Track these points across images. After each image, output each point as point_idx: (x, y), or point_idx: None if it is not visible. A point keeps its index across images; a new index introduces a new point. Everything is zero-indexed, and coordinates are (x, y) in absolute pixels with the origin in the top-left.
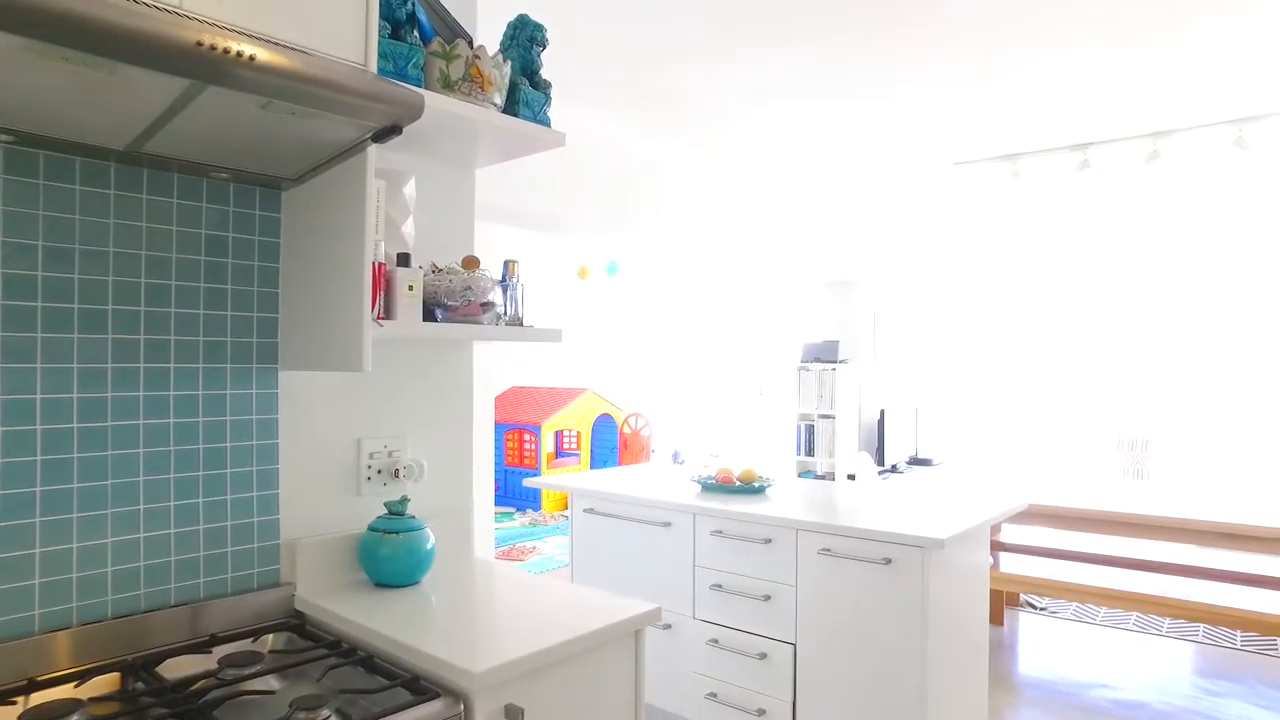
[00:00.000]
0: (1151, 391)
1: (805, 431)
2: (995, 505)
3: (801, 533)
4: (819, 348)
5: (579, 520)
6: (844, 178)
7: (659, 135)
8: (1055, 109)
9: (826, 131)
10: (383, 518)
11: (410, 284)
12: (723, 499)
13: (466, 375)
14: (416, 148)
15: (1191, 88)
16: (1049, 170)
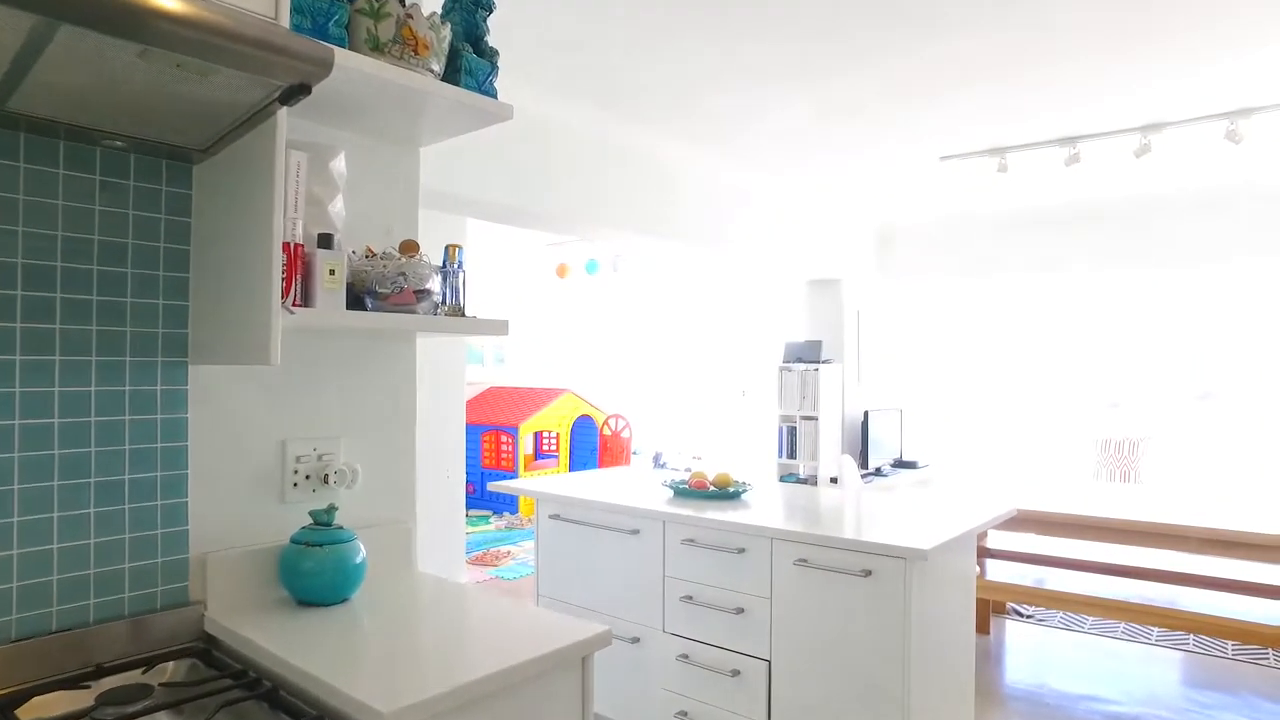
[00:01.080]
0: (1142, 392)
1: (787, 433)
2: (982, 512)
3: (777, 542)
4: (801, 347)
5: (545, 527)
6: (828, 172)
7: (642, 129)
8: (1042, 102)
9: (810, 124)
10: (307, 528)
11: (332, 268)
12: (696, 505)
13: (409, 371)
14: (349, 121)
15: (1183, 79)
16: (1036, 164)
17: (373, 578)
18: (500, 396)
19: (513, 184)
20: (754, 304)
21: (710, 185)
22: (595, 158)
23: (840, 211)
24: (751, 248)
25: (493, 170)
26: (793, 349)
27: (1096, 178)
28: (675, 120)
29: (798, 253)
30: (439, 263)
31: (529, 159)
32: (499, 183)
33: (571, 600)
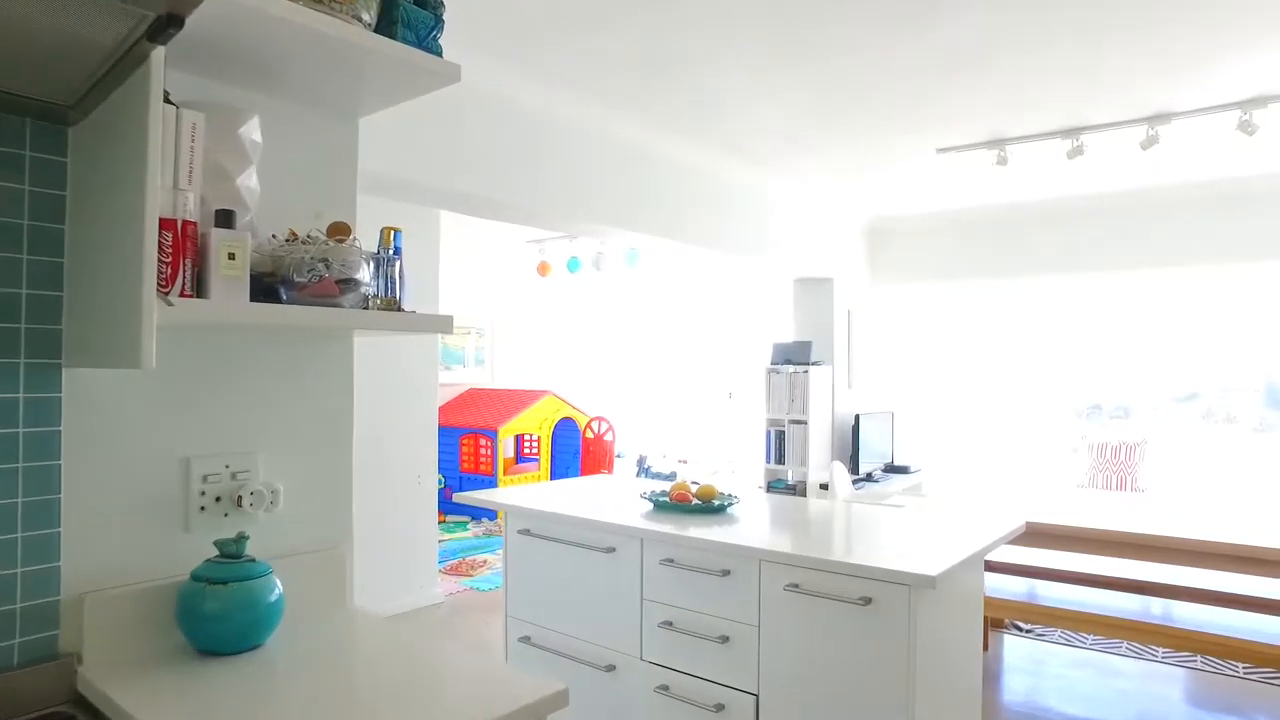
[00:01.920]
0: (1138, 396)
1: (775, 438)
2: (990, 529)
3: (766, 564)
4: (790, 348)
5: (514, 543)
6: (819, 165)
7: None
8: (1045, 90)
9: (802, 113)
10: (210, 562)
11: (231, 251)
12: (677, 520)
13: (345, 374)
14: (268, 82)
15: (1194, 66)
16: (1037, 157)
17: (296, 617)
18: (480, 398)
19: (483, 173)
20: (742, 303)
21: (695, 179)
22: (572, 147)
23: (832, 207)
24: (738, 244)
25: (462, 158)
26: (781, 350)
27: (1100, 173)
28: (658, 108)
29: (786, 250)
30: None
31: (501, 147)
32: (468, 171)
33: (542, 623)
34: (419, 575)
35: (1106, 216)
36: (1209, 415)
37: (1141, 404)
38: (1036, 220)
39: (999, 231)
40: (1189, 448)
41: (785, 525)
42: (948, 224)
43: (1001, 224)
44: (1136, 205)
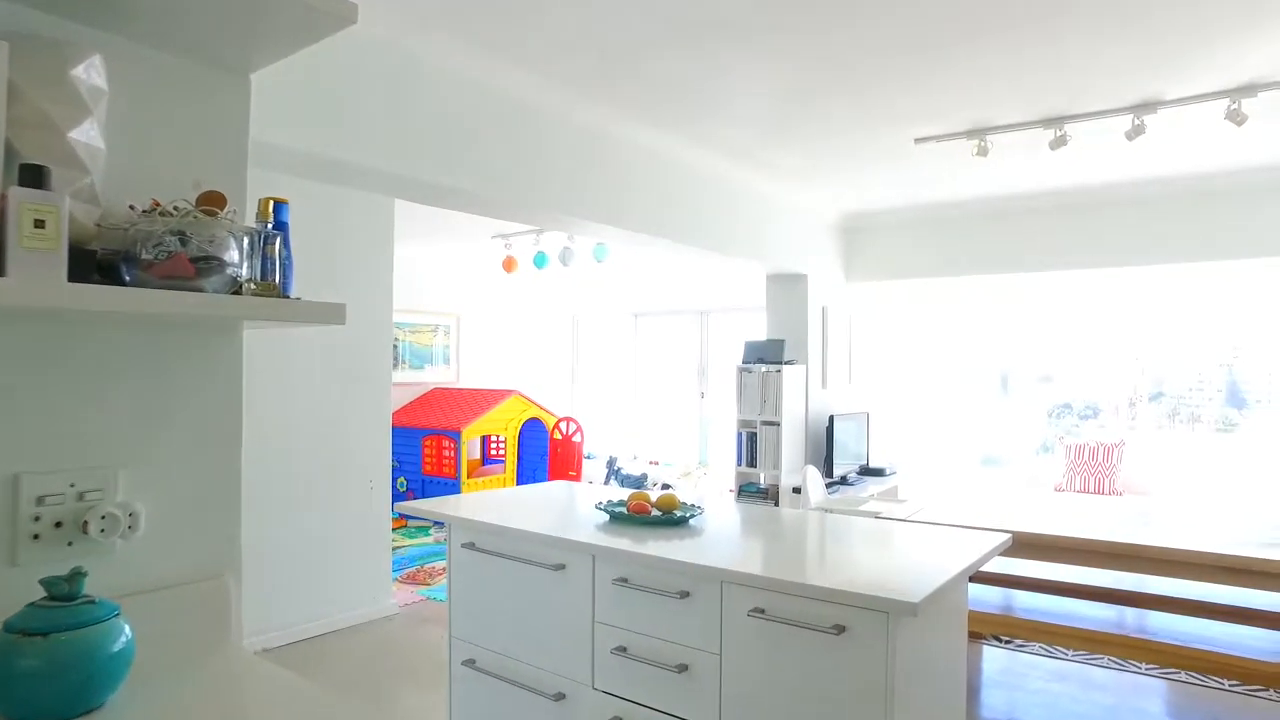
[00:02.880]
0: (1113, 395)
1: (747, 440)
2: (975, 542)
3: (728, 586)
4: (762, 347)
5: (458, 558)
6: (793, 156)
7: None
8: (1028, 76)
9: (774, 99)
10: (34, 606)
11: (39, 217)
12: (634, 534)
13: (230, 373)
14: (125, 22)
15: (1183, 51)
16: (1019, 148)
17: (159, 665)
18: (444, 398)
19: (432, 157)
20: (715, 300)
21: (663, 170)
22: (531, 133)
23: (806, 201)
24: (708, 238)
25: (408, 141)
26: (753, 349)
27: (1078, 168)
28: (622, 95)
29: (758, 245)
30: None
31: (453, 130)
32: (416, 155)
33: (488, 645)
34: (371, 586)
35: (1083, 213)
36: (1174, 414)
37: (1109, 404)
38: (1014, 217)
39: (976, 228)
40: (1162, 449)
41: (752, 539)
42: (924, 220)
43: (979, 220)
44: (1114, 201)
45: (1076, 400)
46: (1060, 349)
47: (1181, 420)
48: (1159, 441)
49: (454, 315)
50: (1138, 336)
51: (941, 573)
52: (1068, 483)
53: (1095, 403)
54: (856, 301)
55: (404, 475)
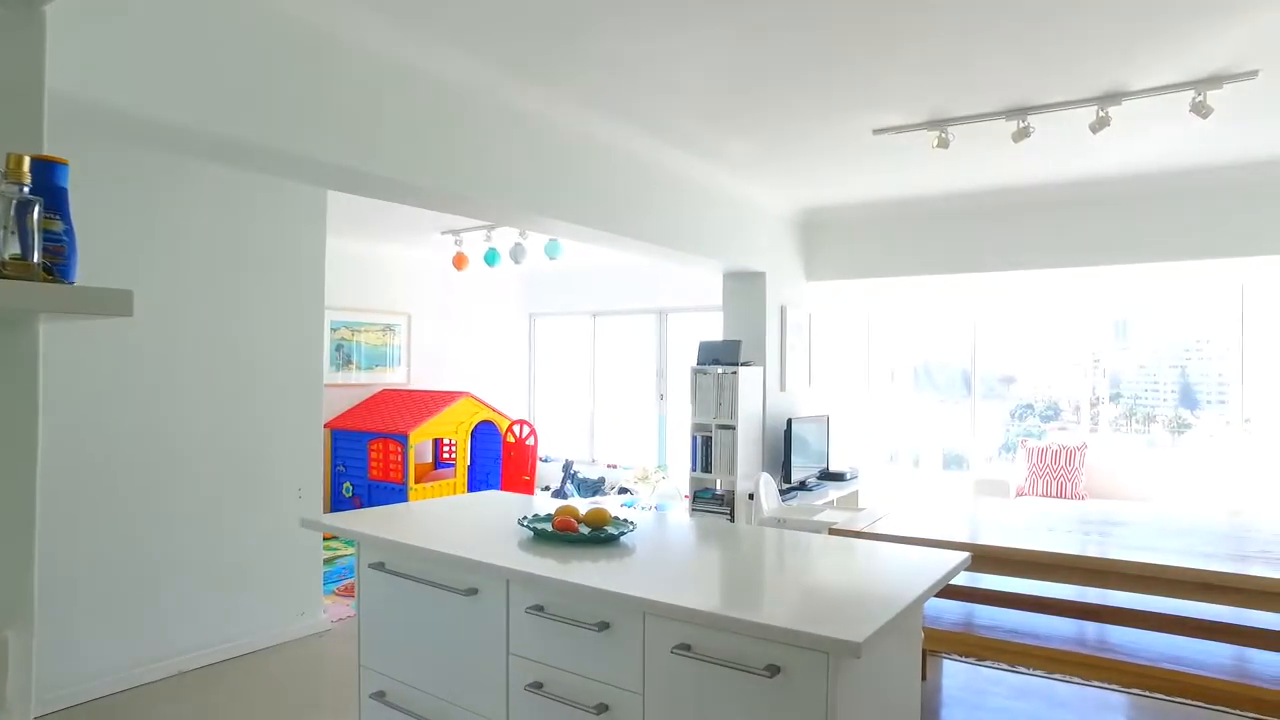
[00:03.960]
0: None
1: (701, 444)
2: (932, 563)
3: (651, 618)
4: (718, 347)
5: (367, 579)
6: (749, 147)
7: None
8: (990, 63)
9: (725, 89)
10: None
11: None
12: (559, 554)
13: (22, 375)
14: None
15: (1148, 38)
16: (981, 139)
17: None
18: (392, 400)
19: (355, 141)
20: (674, 300)
21: (607, 157)
22: (469, 117)
23: (763, 196)
24: (661, 233)
25: (328, 123)
26: (708, 349)
27: (1046, 161)
28: (567, 79)
29: (714, 241)
30: None
31: (380, 113)
32: (336, 139)
33: (399, 676)
34: (301, 602)
35: (1046, 211)
36: (1131, 414)
37: (1069, 404)
38: (976, 215)
39: (939, 226)
40: (1123, 453)
41: (686, 562)
42: (886, 217)
43: (941, 218)
44: (1077, 200)
45: (1038, 401)
46: (1021, 349)
47: (1138, 421)
48: (1119, 444)
49: (404, 314)
50: (1096, 337)
51: (891, 603)
52: (1030, 486)
53: (1056, 402)
54: (816, 301)
55: (350, 480)
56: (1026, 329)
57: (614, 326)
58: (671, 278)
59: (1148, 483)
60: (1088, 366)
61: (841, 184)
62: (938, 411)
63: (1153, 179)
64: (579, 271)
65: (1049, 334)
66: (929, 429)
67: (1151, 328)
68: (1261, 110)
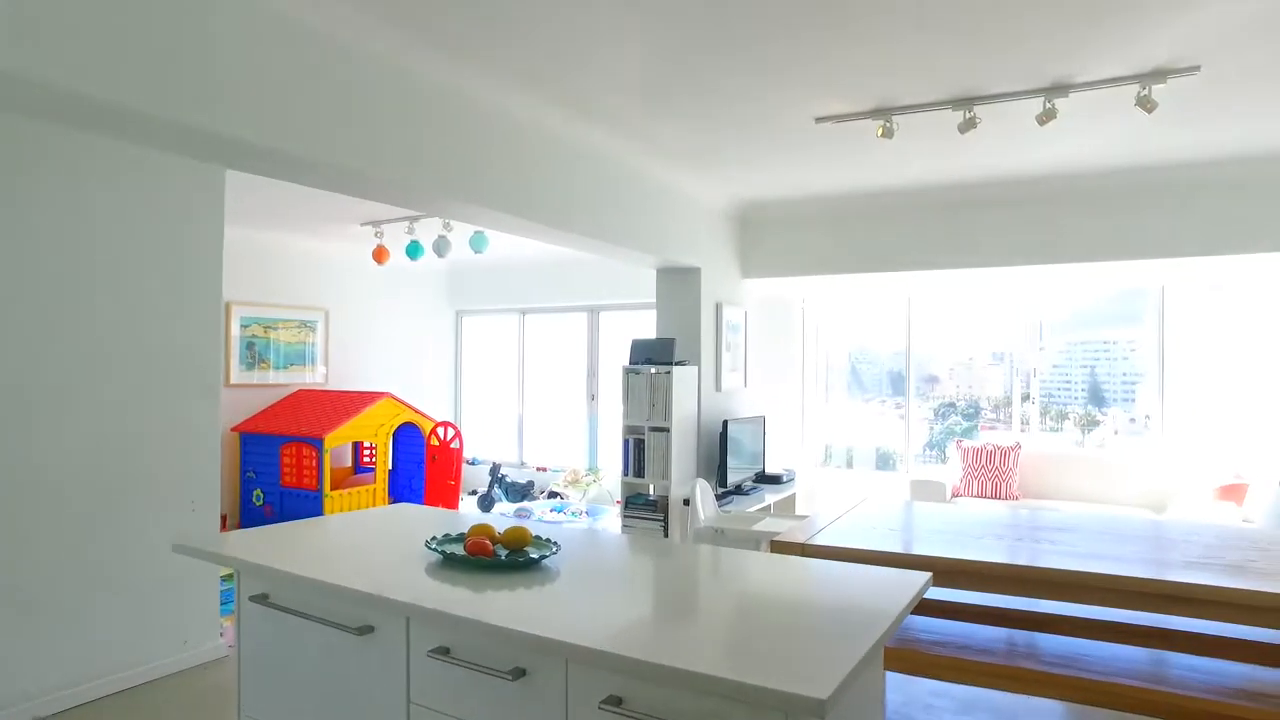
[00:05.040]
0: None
1: (634, 447)
2: (890, 589)
3: (575, 665)
4: (650, 346)
5: (247, 614)
6: (683, 132)
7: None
8: (937, 50)
9: (657, 71)
10: None
11: None
12: (471, 582)
13: None
14: None
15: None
16: (926, 129)
17: None
18: (307, 402)
19: (253, 111)
20: (606, 296)
21: (536, 142)
22: (383, 92)
23: (699, 186)
24: (589, 224)
25: (214, 89)
26: (641, 348)
27: (989, 158)
28: (487, 50)
29: (647, 233)
30: None
31: (280, 82)
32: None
33: None
34: (194, 627)
35: (986, 210)
36: (1045, 413)
37: (988, 403)
38: (917, 212)
39: (878, 224)
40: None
41: (616, 591)
42: (825, 213)
43: (881, 216)
44: (1018, 199)
45: (960, 400)
46: (942, 349)
47: (1052, 419)
48: (1048, 444)
49: (322, 310)
50: (1014, 336)
51: (853, 642)
52: (965, 486)
53: (977, 400)
54: (752, 298)
55: (261, 488)
56: (947, 328)
57: (544, 324)
58: (604, 273)
59: (1077, 482)
60: (1007, 366)
61: (780, 177)
62: (870, 411)
63: (1088, 179)
64: (507, 267)
65: (968, 333)
66: (862, 429)
67: (1065, 327)
68: (1197, 108)
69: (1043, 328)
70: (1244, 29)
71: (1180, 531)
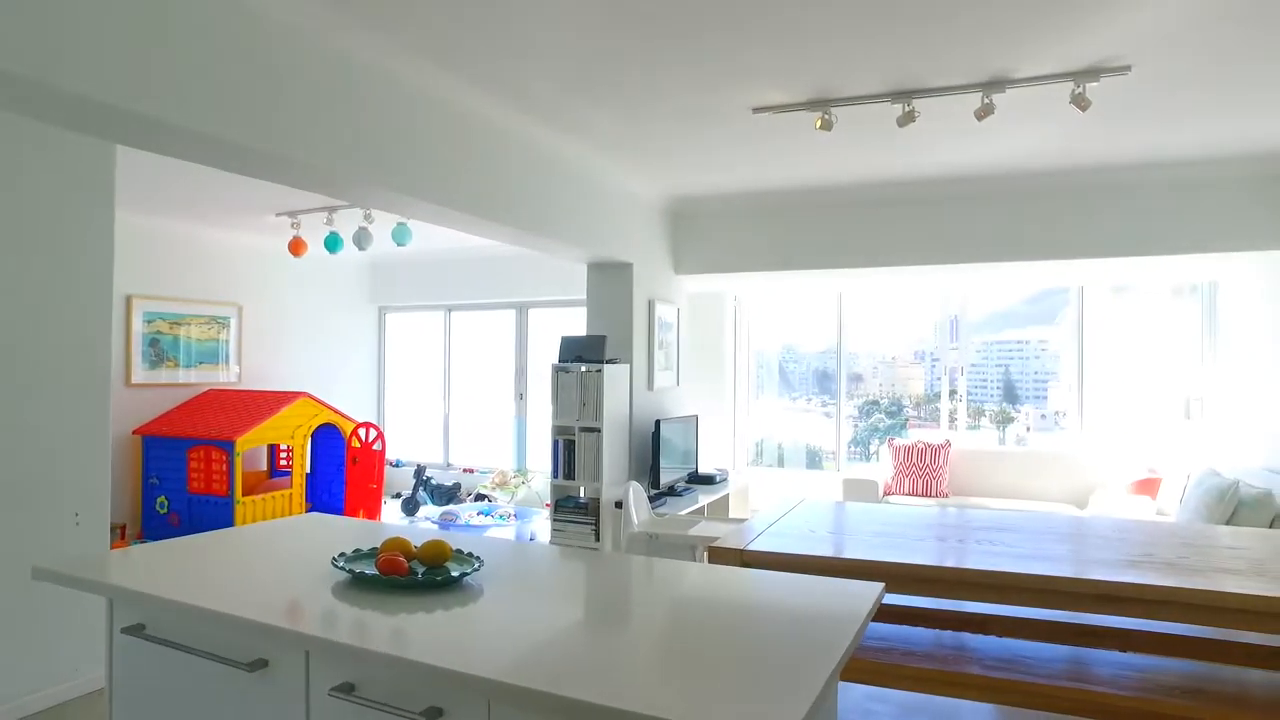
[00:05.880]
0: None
1: (564, 448)
2: (843, 602)
3: (500, 705)
4: (581, 344)
5: (120, 646)
6: (614, 121)
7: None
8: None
9: (577, 42)
10: None
11: None
12: (381, 606)
13: None
14: None
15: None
16: (865, 123)
17: None
18: (218, 402)
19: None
20: (535, 292)
21: (460, 126)
22: (291, 64)
23: (631, 179)
24: (515, 214)
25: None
26: (570, 345)
27: (925, 154)
28: (402, 20)
29: (577, 226)
30: None
31: (175, 47)
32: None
33: None
34: (76, 654)
35: (919, 207)
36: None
37: (910, 400)
38: (852, 209)
39: (812, 221)
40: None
41: (548, 612)
42: (759, 209)
43: (813, 212)
44: (951, 196)
45: (884, 398)
46: (866, 347)
47: (969, 415)
48: (976, 441)
49: (235, 305)
50: (934, 334)
51: (812, 673)
52: (897, 485)
53: (899, 399)
54: (686, 295)
55: (165, 495)
56: (871, 327)
57: (471, 321)
58: (533, 269)
59: (1004, 479)
60: (928, 364)
61: (715, 171)
62: (797, 409)
63: (1018, 179)
64: (433, 261)
65: (891, 332)
66: (791, 427)
67: (982, 327)
68: (1129, 110)
69: (959, 327)
70: (1170, 35)
71: (1113, 529)
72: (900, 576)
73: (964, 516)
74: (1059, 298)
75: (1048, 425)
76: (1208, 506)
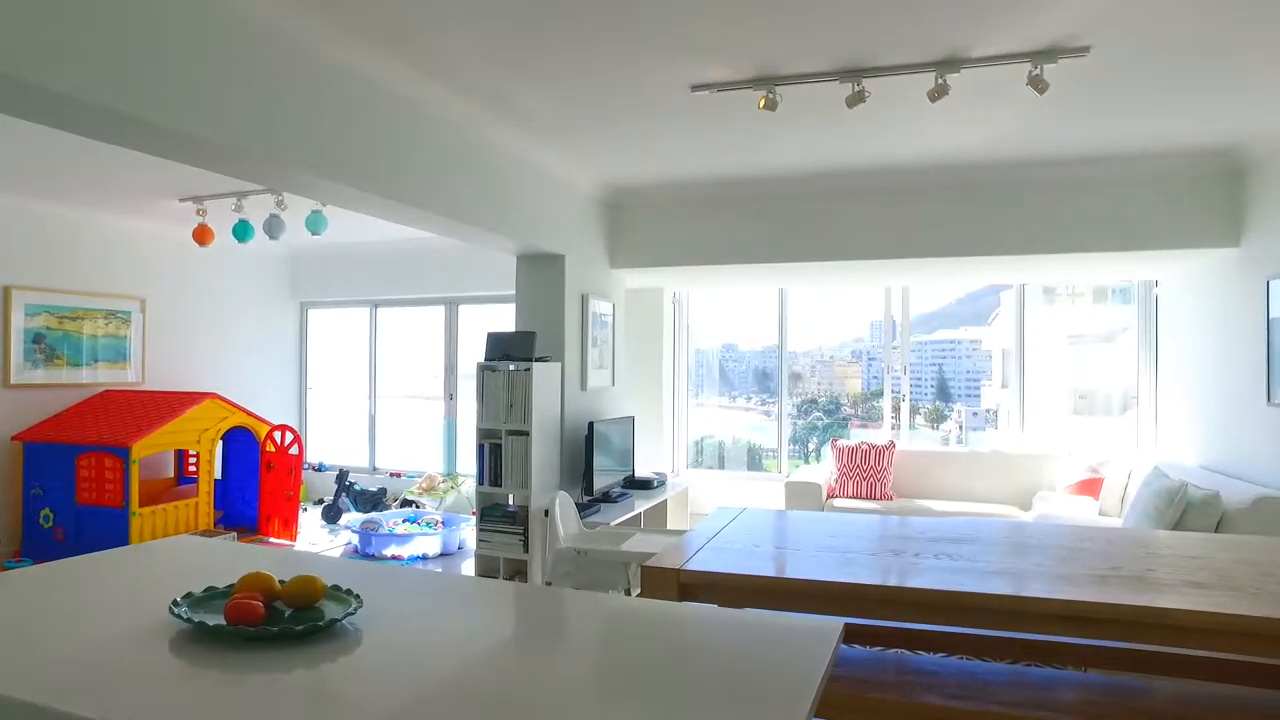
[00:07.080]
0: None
1: (490, 453)
2: (799, 648)
3: None
4: (508, 340)
5: None
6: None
7: None
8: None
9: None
10: None
11: None
12: (228, 666)
13: None
14: None
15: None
16: (812, 103)
17: None
18: (113, 404)
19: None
20: (465, 287)
21: (375, 100)
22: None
23: (562, 164)
24: (437, 199)
25: None
26: (498, 342)
27: (874, 142)
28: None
29: (504, 214)
30: None
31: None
32: None
33: None
34: None
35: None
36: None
37: (848, 400)
38: (794, 201)
39: (751, 213)
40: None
41: (442, 671)
42: (699, 200)
43: (754, 204)
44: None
45: (822, 396)
46: (806, 345)
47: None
48: (921, 443)
49: (137, 299)
50: (873, 332)
51: None
52: (841, 487)
53: (837, 398)
54: (623, 291)
55: (49, 506)
56: (809, 325)
57: (398, 318)
58: (463, 263)
59: (949, 481)
60: (865, 363)
61: (652, 158)
62: (736, 409)
63: (966, 170)
64: (359, 254)
65: (828, 330)
66: (731, 427)
67: (917, 326)
68: (1086, 96)
69: (897, 326)
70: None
71: (1072, 538)
72: (854, 599)
73: (915, 526)
74: (991, 298)
75: (979, 423)
76: (1157, 509)
